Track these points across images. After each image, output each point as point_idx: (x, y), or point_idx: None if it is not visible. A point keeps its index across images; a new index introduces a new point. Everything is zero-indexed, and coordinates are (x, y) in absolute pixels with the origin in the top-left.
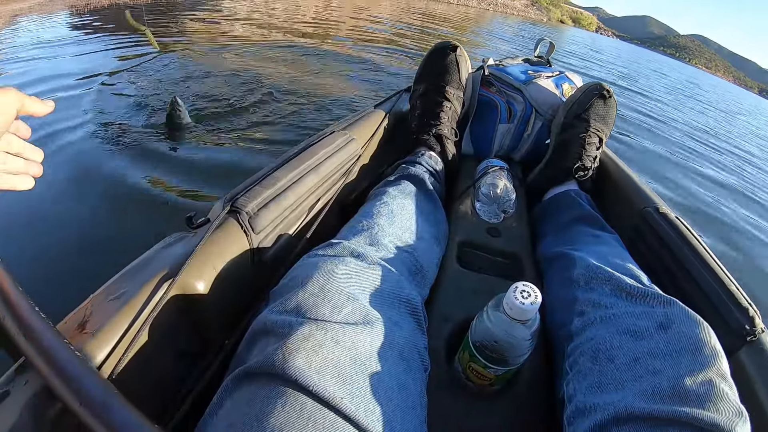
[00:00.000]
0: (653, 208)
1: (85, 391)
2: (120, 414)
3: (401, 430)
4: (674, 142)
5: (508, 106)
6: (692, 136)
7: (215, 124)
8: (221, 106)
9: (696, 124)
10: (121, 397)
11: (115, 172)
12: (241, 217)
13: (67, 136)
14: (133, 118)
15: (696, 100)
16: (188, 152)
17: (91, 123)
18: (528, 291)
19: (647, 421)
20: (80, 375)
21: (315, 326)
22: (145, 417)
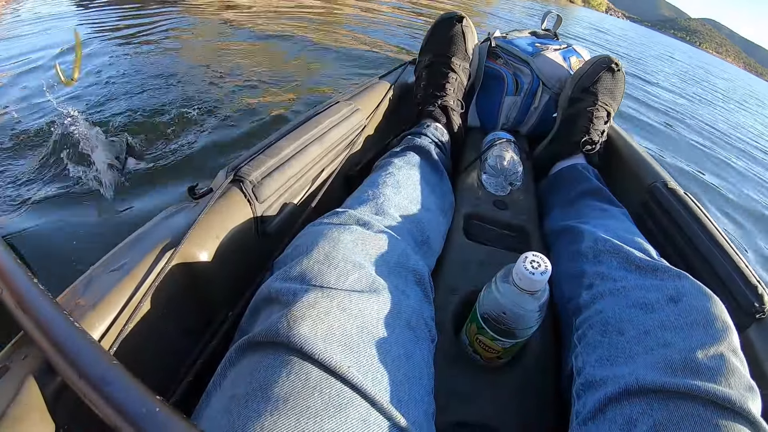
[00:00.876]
0: (662, 184)
1: (84, 365)
2: (119, 387)
3: (408, 401)
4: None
5: (515, 78)
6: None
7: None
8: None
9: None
10: (122, 370)
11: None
12: (244, 186)
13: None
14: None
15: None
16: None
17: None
18: (538, 261)
19: (658, 393)
20: (79, 348)
21: (320, 293)
22: (146, 389)
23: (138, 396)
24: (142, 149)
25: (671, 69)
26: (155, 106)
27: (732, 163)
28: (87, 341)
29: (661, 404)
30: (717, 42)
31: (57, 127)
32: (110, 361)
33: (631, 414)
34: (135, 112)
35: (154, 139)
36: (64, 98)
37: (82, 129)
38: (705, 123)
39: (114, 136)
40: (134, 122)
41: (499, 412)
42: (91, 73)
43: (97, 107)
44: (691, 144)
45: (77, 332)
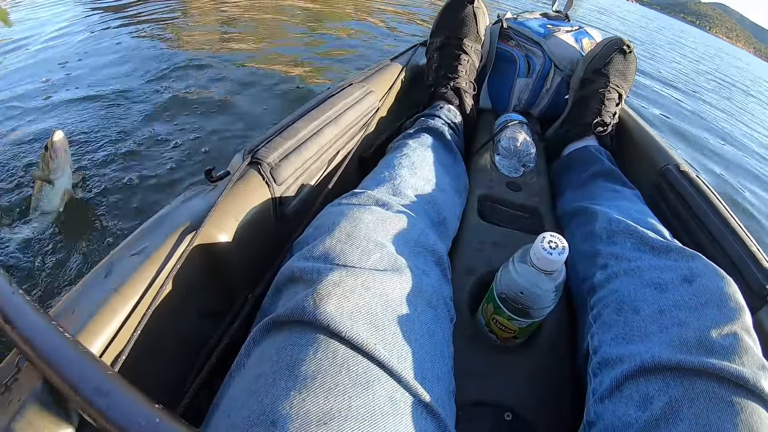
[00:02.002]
0: (674, 166)
1: (79, 378)
2: (117, 399)
3: (432, 378)
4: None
5: (527, 60)
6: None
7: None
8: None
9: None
10: (119, 380)
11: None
12: (262, 168)
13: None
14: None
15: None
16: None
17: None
18: (555, 241)
19: (674, 371)
20: (73, 360)
21: (345, 272)
22: (146, 398)
23: (136, 407)
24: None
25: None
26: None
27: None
28: (81, 353)
29: (676, 381)
30: (727, 27)
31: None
32: (106, 372)
33: (648, 391)
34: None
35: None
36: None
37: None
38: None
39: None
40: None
41: (516, 391)
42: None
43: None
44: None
45: (70, 344)
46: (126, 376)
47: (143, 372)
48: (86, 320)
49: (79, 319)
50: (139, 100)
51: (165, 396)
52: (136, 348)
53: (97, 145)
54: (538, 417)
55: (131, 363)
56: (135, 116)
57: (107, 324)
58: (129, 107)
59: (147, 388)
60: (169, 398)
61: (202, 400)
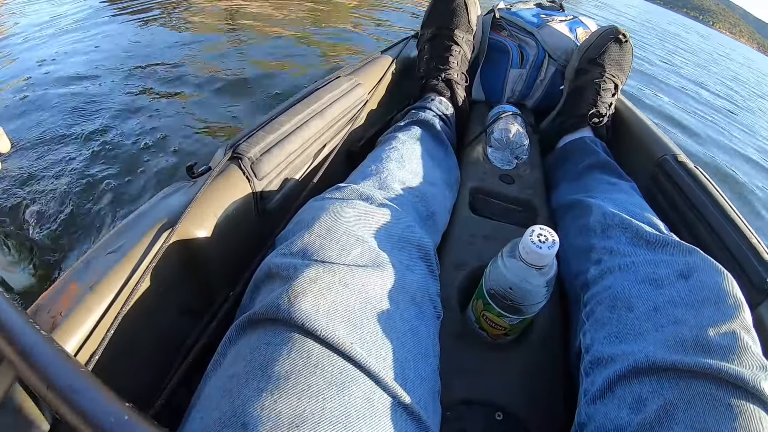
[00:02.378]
0: (671, 157)
1: (52, 374)
2: (88, 396)
3: (414, 378)
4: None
5: (520, 50)
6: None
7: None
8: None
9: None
10: (90, 377)
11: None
12: (242, 163)
13: None
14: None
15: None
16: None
17: None
18: (545, 235)
19: (669, 372)
20: (46, 357)
21: (322, 268)
22: (115, 396)
23: (107, 405)
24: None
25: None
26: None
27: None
28: (55, 350)
29: (671, 383)
30: (730, 22)
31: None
32: (79, 369)
33: (641, 392)
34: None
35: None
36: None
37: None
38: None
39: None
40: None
41: (506, 390)
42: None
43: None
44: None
45: (44, 341)
46: (101, 375)
47: (119, 370)
48: (61, 319)
49: (53, 317)
50: (119, 95)
51: (143, 395)
52: (112, 346)
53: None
54: (530, 416)
55: (106, 362)
56: (106, 114)
57: (82, 323)
58: (103, 103)
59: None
60: (148, 397)
61: (181, 399)
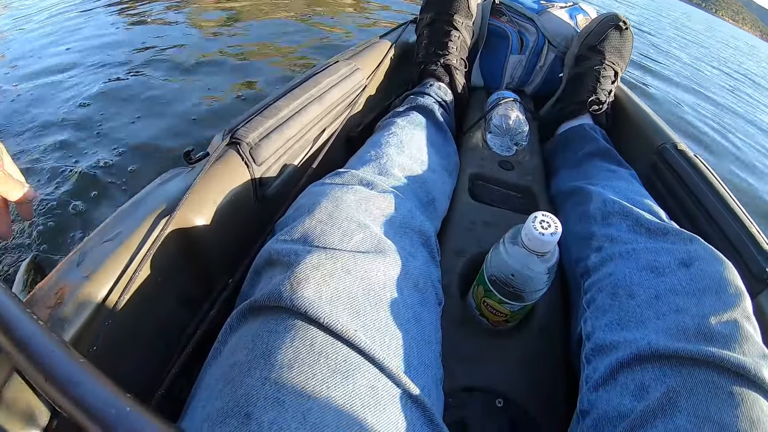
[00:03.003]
0: (671, 145)
1: (51, 366)
2: (88, 388)
3: (418, 365)
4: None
5: (520, 36)
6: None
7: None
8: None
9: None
10: (90, 368)
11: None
12: (241, 148)
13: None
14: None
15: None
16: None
17: None
18: (548, 221)
19: (671, 359)
20: (44, 348)
21: (324, 254)
22: (117, 388)
23: (107, 396)
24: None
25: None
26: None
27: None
28: (53, 341)
29: (674, 370)
30: (733, 9)
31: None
32: (78, 361)
33: (644, 380)
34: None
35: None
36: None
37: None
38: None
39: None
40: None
41: (507, 377)
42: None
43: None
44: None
45: (42, 332)
46: (100, 366)
47: (118, 361)
48: (58, 309)
49: (51, 308)
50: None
51: (143, 385)
52: (110, 337)
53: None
54: (531, 403)
55: (105, 352)
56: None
57: (80, 313)
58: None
59: (123, 377)
60: (148, 387)
61: (182, 389)
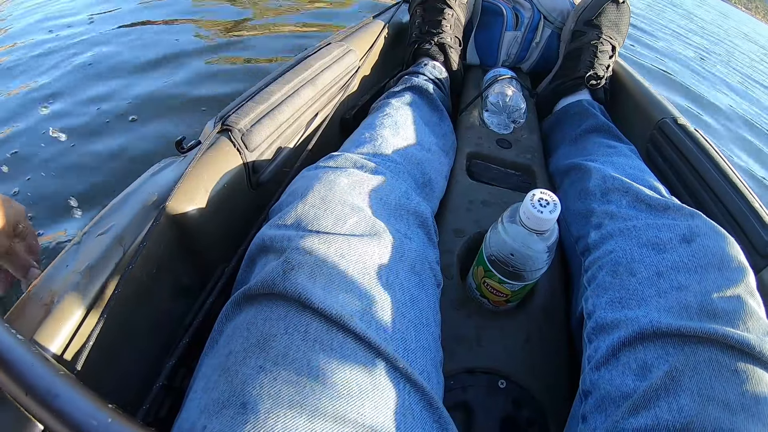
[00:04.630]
0: (671, 120)
1: (30, 378)
2: (67, 399)
3: (416, 348)
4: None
5: (515, 12)
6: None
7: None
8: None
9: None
10: (70, 380)
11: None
12: (233, 134)
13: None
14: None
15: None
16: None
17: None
18: (546, 198)
19: (674, 337)
20: (22, 364)
21: (318, 239)
22: (98, 398)
23: (88, 408)
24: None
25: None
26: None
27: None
28: (32, 354)
29: (677, 348)
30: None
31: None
32: (57, 373)
33: (646, 358)
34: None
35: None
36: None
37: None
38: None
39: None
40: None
41: (509, 358)
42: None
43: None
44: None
45: (20, 344)
46: (98, 360)
47: (116, 355)
48: (53, 306)
49: (46, 305)
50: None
51: (142, 377)
52: (107, 331)
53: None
54: (533, 383)
55: (102, 347)
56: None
57: (75, 309)
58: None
59: (121, 371)
60: (147, 379)
61: (182, 380)
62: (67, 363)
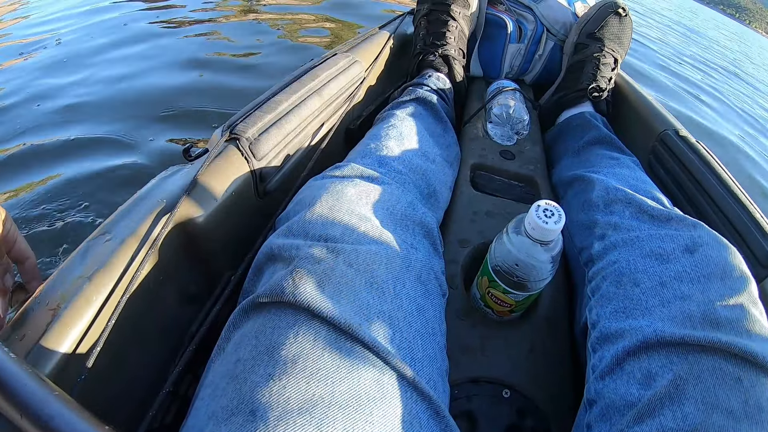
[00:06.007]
0: (673, 131)
1: (25, 402)
2: (62, 421)
3: (422, 357)
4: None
5: (518, 25)
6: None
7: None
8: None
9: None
10: (65, 402)
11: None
12: (240, 143)
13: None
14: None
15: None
16: None
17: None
18: (551, 209)
19: (678, 347)
20: (17, 384)
21: (325, 249)
22: (95, 420)
23: (84, 429)
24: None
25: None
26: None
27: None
28: (27, 374)
29: (681, 357)
30: (767, 21)
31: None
32: (53, 393)
33: (650, 367)
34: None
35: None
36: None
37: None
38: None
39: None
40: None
41: (513, 367)
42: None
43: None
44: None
45: (15, 363)
46: (105, 366)
47: (123, 361)
48: (60, 311)
49: (53, 309)
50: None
51: (149, 383)
52: (114, 337)
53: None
54: (537, 393)
55: (109, 352)
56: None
57: (82, 314)
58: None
59: (128, 377)
60: (154, 386)
61: (188, 387)
62: (73, 369)
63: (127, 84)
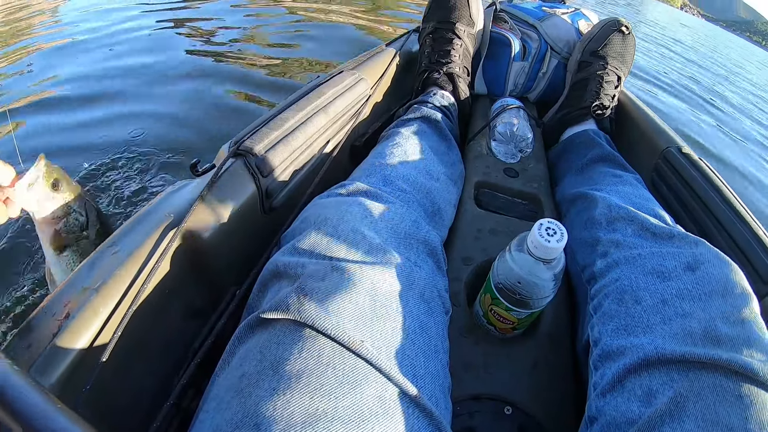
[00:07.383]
0: (676, 149)
1: (27, 415)
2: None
3: (425, 375)
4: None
5: (522, 43)
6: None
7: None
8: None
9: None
10: (71, 418)
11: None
12: (248, 159)
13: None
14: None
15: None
16: None
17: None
18: (553, 228)
19: (679, 364)
20: (19, 396)
21: (330, 266)
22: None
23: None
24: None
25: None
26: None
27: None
28: (30, 387)
29: (681, 375)
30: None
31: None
32: (55, 407)
33: (651, 385)
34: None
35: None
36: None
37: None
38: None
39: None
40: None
41: (516, 385)
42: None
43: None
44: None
45: (16, 375)
46: (110, 377)
47: (127, 373)
48: (67, 322)
49: (59, 320)
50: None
51: (152, 396)
52: (119, 349)
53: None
54: (539, 410)
55: (114, 364)
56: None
57: (88, 325)
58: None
59: (132, 388)
60: (157, 399)
61: (191, 401)
62: (78, 379)
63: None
